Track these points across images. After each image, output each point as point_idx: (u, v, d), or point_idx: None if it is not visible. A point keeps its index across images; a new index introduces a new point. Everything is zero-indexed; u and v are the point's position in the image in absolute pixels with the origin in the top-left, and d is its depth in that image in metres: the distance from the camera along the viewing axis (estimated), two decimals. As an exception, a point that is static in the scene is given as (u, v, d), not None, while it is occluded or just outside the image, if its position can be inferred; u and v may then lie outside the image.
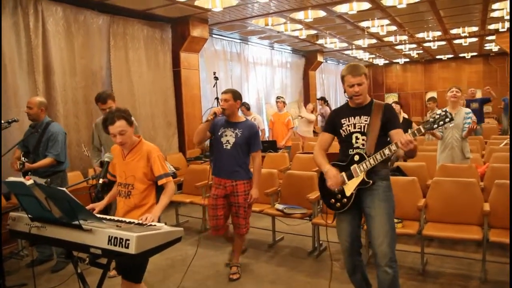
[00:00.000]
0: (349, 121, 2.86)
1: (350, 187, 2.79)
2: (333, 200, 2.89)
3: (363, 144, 2.79)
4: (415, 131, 2.58)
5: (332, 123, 2.98)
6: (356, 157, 2.78)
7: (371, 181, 2.73)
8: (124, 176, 2.84)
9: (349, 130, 2.85)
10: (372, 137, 2.75)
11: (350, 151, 2.82)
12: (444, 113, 2.47)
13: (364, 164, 2.74)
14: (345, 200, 2.82)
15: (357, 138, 2.82)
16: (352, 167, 2.79)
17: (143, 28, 6.87)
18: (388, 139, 2.79)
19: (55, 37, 5.51)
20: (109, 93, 4.45)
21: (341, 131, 2.89)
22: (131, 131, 2.76)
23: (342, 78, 2.88)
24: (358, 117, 2.84)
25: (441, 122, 2.47)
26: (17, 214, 2.54)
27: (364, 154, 2.75)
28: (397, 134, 2.73)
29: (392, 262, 2.71)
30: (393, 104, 7.64)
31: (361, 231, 3.05)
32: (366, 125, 2.80)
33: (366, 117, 2.81)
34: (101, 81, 6.21)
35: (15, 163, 4.04)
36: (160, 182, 2.79)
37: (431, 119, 2.51)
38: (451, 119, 2.47)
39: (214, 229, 3.91)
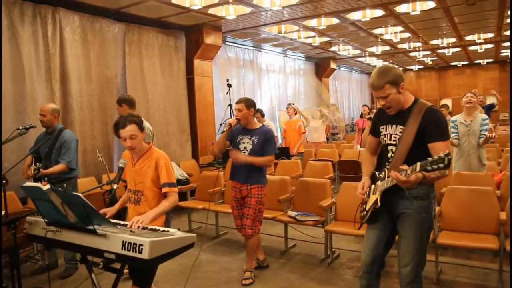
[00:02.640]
0: (386, 130, 2.56)
1: (369, 203, 2.62)
2: (361, 207, 2.72)
3: None
4: (411, 169, 2.20)
5: (374, 127, 2.71)
6: (382, 174, 2.55)
7: (379, 204, 2.49)
8: (134, 182, 2.86)
9: (385, 141, 2.57)
10: (400, 150, 2.41)
11: (387, 164, 2.55)
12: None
13: (382, 184, 2.51)
14: (365, 213, 2.66)
15: (392, 151, 2.51)
16: (376, 183, 2.60)
17: (157, 36, 6.97)
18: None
19: (72, 45, 5.63)
20: (126, 97, 4.51)
21: (380, 139, 2.66)
22: (141, 137, 2.79)
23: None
24: (395, 126, 2.49)
25: (435, 166, 2.07)
26: (33, 219, 2.60)
27: (387, 172, 2.49)
28: (434, 149, 2.31)
29: (415, 284, 2.50)
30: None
31: (387, 253, 2.80)
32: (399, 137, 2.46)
33: (402, 127, 2.45)
34: (116, 88, 6.30)
35: (27, 170, 4.08)
36: (163, 190, 2.77)
37: (430, 159, 2.11)
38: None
39: (241, 228, 4.02)
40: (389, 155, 2.54)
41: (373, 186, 2.63)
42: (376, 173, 2.65)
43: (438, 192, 4.33)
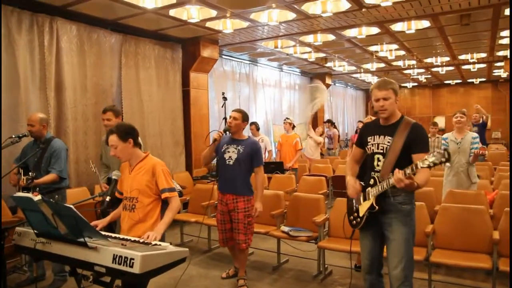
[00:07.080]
0: (373, 140, 2.78)
1: (363, 209, 2.80)
2: (351, 217, 2.93)
3: None
4: (411, 168, 2.43)
5: (360, 139, 2.94)
6: (371, 181, 2.74)
7: (377, 207, 2.68)
8: (129, 189, 2.88)
9: (372, 150, 2.78)
10: (389, 159, 2.64)
11: (372, 174, 2.76)
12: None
13: (374, 189, 2.71)
14: (359, 219, 2.84)
15: (378, 160, 2.74)
16: (367, 190, 2.77)
17: (154, 47, 6.98)
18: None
19: (68, 55, 5.62)
20: (112, 107, 4.40)
21: (366, 148, 2.86)
22: (123, 146, 2.81)
23: (371, 92, 2.83)
24: (383, 136, 2.74)
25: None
26: (23, 229, 2.55)
27: (377, 179, 2.69)
28: (419, 159, 2.49)
29: (406, 287, 2.66)
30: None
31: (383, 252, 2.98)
32: (388, 147, 2.69)
33: (390, 137, 2.70)
34: (111, 98, 6.28)
35: (14, 177, 3.94)
36: (163, 196, 2.82)
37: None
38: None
39: (223, 242, 4.15)
40: (375, 163, 2.76)
41: (361, 193, 2.82)
42: (362, 183, 2.83)
43: (431, 210, 4.37)
